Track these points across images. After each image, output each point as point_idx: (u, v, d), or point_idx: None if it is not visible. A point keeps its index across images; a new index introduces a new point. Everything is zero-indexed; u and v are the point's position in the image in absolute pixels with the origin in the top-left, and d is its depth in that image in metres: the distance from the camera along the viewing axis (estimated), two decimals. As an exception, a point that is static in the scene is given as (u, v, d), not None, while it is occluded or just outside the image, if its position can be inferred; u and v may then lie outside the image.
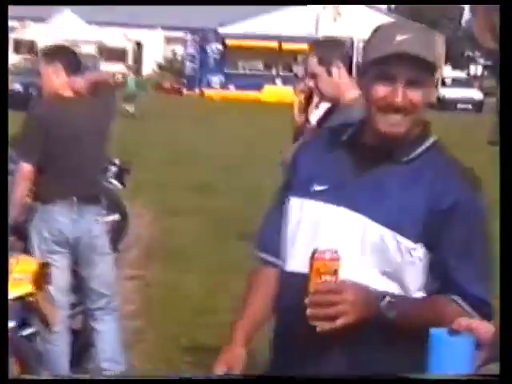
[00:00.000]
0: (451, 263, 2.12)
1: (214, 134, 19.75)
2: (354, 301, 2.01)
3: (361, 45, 36.78)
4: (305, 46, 4.18)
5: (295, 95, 7.33)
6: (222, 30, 42.33)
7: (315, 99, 6.61)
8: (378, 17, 42.73)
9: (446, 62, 43.33)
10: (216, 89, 39.24)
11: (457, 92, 37.19)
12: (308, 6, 40.88)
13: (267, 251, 2.36)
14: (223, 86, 39.92)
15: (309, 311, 2.01)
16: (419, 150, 2.21)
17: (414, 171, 2.18)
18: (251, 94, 36.29)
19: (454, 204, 2.12)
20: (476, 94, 38.24)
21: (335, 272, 2.00)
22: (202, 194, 11.71)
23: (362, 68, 2.23)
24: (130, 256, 8.06)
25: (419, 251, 2.12)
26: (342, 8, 41.95)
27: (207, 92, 38.24)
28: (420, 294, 2.16)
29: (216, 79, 40.32)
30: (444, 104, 35.75)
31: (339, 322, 2.01)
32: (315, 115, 6.48)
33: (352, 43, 33.48)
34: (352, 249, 2.13)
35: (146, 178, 11.89)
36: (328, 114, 4.08)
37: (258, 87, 37.83)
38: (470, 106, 36.86)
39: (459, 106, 36.22)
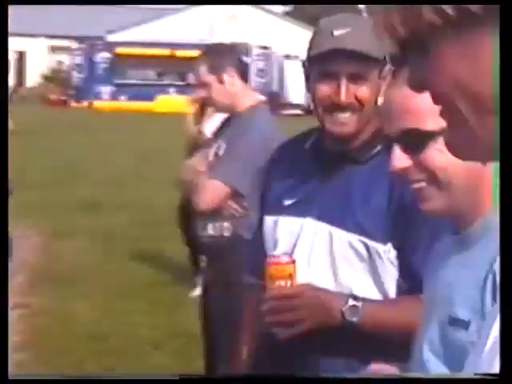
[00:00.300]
0: (418, 261, 2.10)
1: (103, 148, 19.53)
2: (312, 305, 2.00)
3: (257, 50, 37.15)
4: (198, 53, 4.13)
5: (189, 105, 7.31)
6: (110, 38, 42.01)
7: (209, 109, 6.61)
8: (274, 21, 43.22)
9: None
10: (106, 100, 38.87)
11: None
12: (202, 9, 41.03)
13: (251, 273, 2.41)
14: (113, 96, 39.58)
15: (267, 318, 2.01)
16: (378, 146, 2.20)
17: (374, 170, 2.18)
18: (143, 105, 36.10)
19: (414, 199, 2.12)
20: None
21: (290, 276, 1.99)
22: (90, 213, 11.53)
23: (306, 68, 2.24)
24: (14, 283, 7.87)
25: (390, 253, 2.11)
26: (238, 12, 42.23)
27: (96, 103, 37.84)
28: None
29: (105, 90, 39.95)
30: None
31: (298, 328, 1.99)
32: (210, 126, 6.47)
33: (248, 49, 33.78)
34: (323, 260, 2.14)
35: (31, 198, 11.65)
36: (225, 124, 4.05)
37: (151, 97, 37.67)
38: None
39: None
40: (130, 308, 7.14)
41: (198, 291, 6.99)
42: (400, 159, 1.50)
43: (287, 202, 2.25)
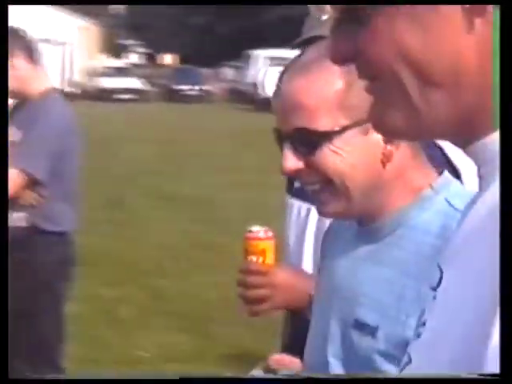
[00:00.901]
0: None
1: None
2: (281, 284, 1.90)
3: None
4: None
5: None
6: None
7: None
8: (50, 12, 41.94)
9: (102, 51, 42.86)
10: None
11: (117, 81, 37.51)
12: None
13: None
14: None
15: (238, 290, 1.93)
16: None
17: None
18: None
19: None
20: (137, 83, 38.87)
21: (263, 252, 1.92)
22: None
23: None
24: None
25: None
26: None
27: None
28: None
29: None
30: (105, 94, 35.94)
31: (264, 306, 1.90)
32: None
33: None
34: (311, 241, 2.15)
35: None
36: (15, 110, 3.86)
37: None
38: (131, 96, 37.34)
39: (120, 96, 36.57)
40: None
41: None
42: (290, 160, 1.38)
43: (296, 185, 2.22)
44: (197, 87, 39.49)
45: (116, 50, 55.93)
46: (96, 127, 19.30)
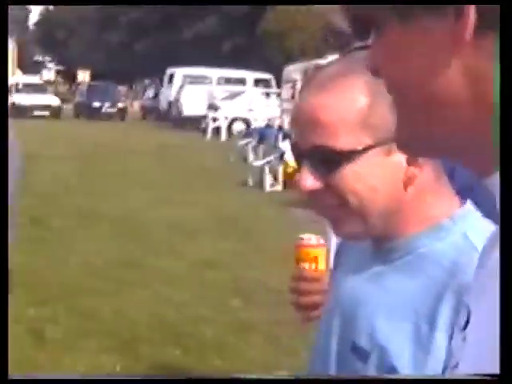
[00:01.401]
0: None
1: None
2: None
3: None
4: None
5: None
6: None
7: None
8: None
9: (17, 67, 42.34)
10: None
11: (32, 98, 37.06)
12: None
13: None
14: None
15: (291, 298, 1.87)
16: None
17: None
18: None
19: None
20: (52, 100, 38.43)
21: (315, 259, 1.89)
22: None
23: None
24: None
25: None
26: None
27: None
28: None
29: None
30: (19, 111, 35.41)
31: (317, 313, 1.81)
32: None
33: None
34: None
35: None
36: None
37: None
38: (47, 113, 36.90)
39: (36, 112, 36.11)
40: None
41: None
42: (308, 179, 1.30)
43: None
44: (113, 104, 39.23)
45: (30, 67, 55.13)
46: (12, 144, 18.98)
